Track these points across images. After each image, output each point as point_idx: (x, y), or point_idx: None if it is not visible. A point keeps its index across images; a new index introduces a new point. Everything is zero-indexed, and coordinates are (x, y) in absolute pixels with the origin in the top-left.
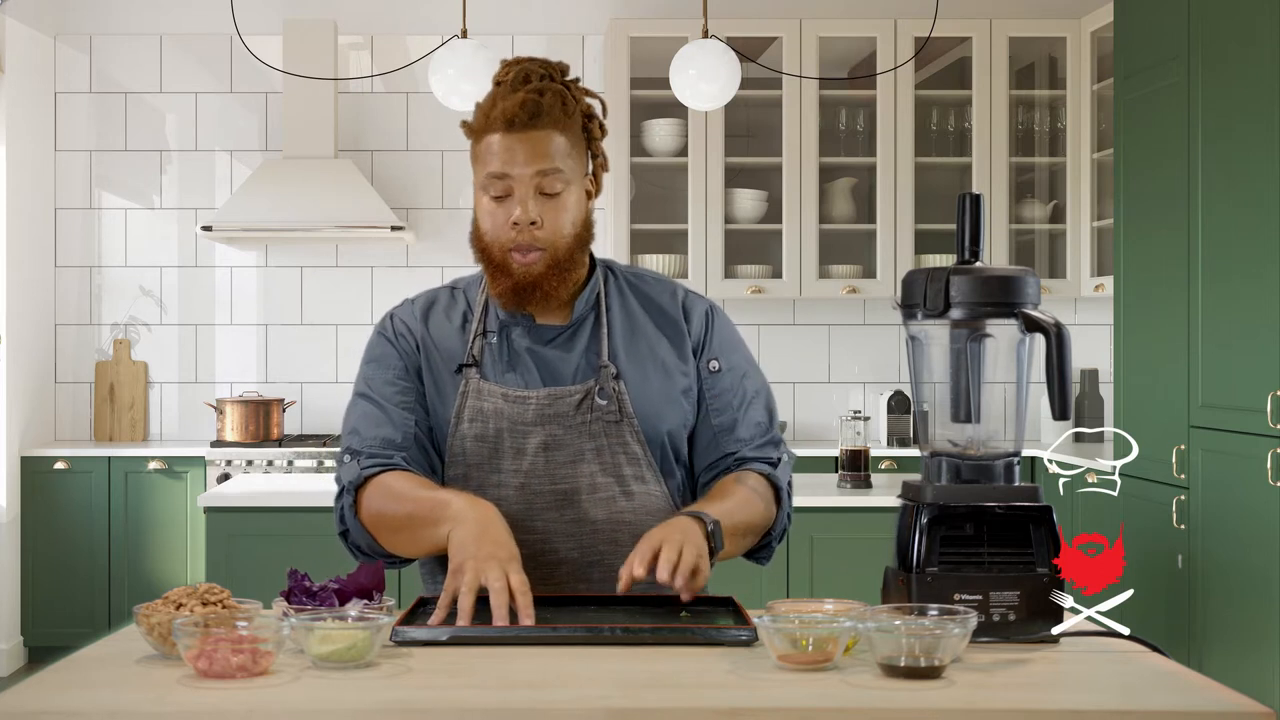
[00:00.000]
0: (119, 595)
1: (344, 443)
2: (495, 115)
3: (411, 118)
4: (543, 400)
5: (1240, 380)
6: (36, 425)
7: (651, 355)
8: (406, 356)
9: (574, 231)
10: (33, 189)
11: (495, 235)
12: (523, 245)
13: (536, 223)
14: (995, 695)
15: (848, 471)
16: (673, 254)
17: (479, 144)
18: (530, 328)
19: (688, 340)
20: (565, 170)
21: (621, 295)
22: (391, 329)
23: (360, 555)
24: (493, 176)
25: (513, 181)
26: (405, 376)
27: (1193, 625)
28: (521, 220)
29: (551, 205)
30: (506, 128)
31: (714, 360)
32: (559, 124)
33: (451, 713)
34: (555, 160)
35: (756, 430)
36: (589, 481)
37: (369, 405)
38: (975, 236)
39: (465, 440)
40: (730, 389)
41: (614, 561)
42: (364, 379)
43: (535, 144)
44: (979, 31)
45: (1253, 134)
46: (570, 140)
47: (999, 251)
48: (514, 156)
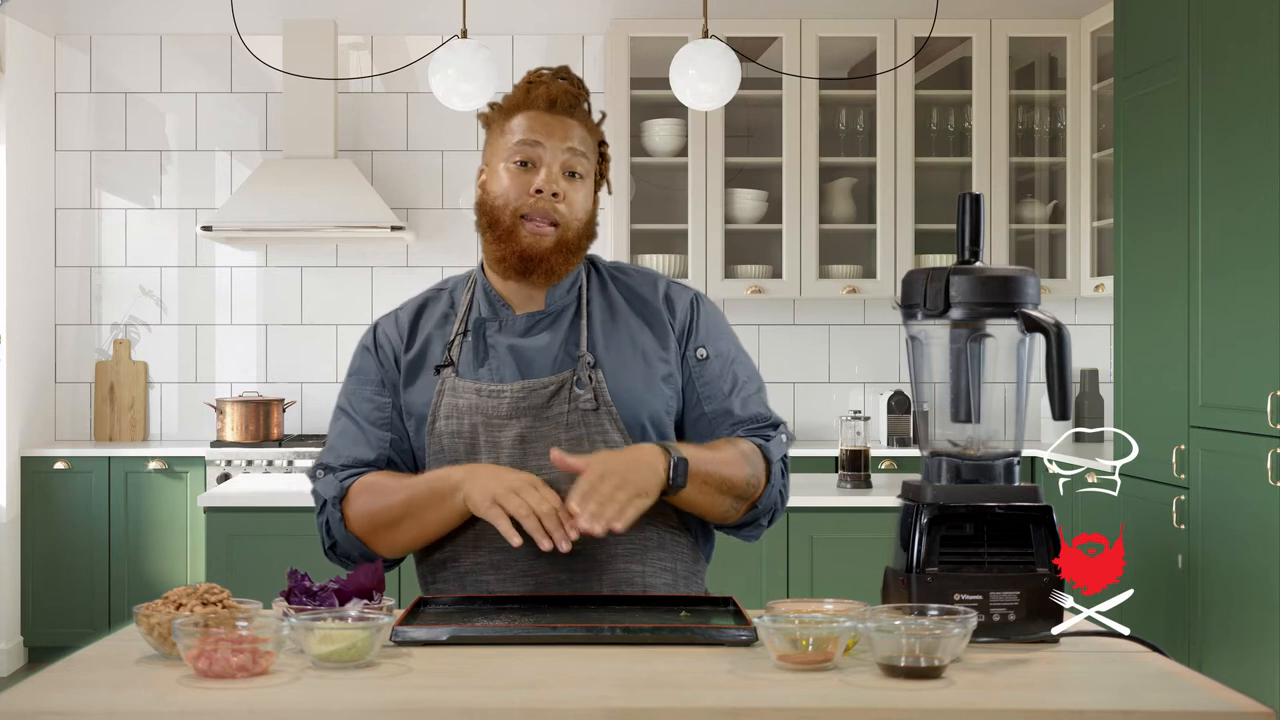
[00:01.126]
0: (119, 595)
1: (320, 458)
2: (537, 95)
3: (411, 118)
4: (517, 393)
5: (1240, 380)
6: (36, 425)
7: (631, 343)
8: (385, 369)
9: (586, 219)
10: (33, 189)
11: (510, 199)
12: (540, 213)
13: (559, 195)
14: (995, 695)
15: (848, 471)
16: (673, 254)
17: (508, 121)
18: (509, 319)
19: (670, 328)
20: (589, 161)
21: (603, 287)
22: (373, 340)
23: (351, 565)
24: (524, 143)
25: (544, 151)
26: (382, 392)
27: (1193, 625)
28: (545, 187)
29: (573, 186)
30: (548, 107)
31: (701, 348)
32: (587, 124)
33: (451, 713)
34: (583, 147)
35: (751, 416)
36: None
37: (348, 422)
38: (975, 236)
39: (442, 437)
40: (720, 375)
41: (595, 550)
42: (344, 393)
43: (569, 128)
44: (979, 31)
45: (1253, 134)
46: (593, 144)
47: (999, 251)
48: (550, 130)
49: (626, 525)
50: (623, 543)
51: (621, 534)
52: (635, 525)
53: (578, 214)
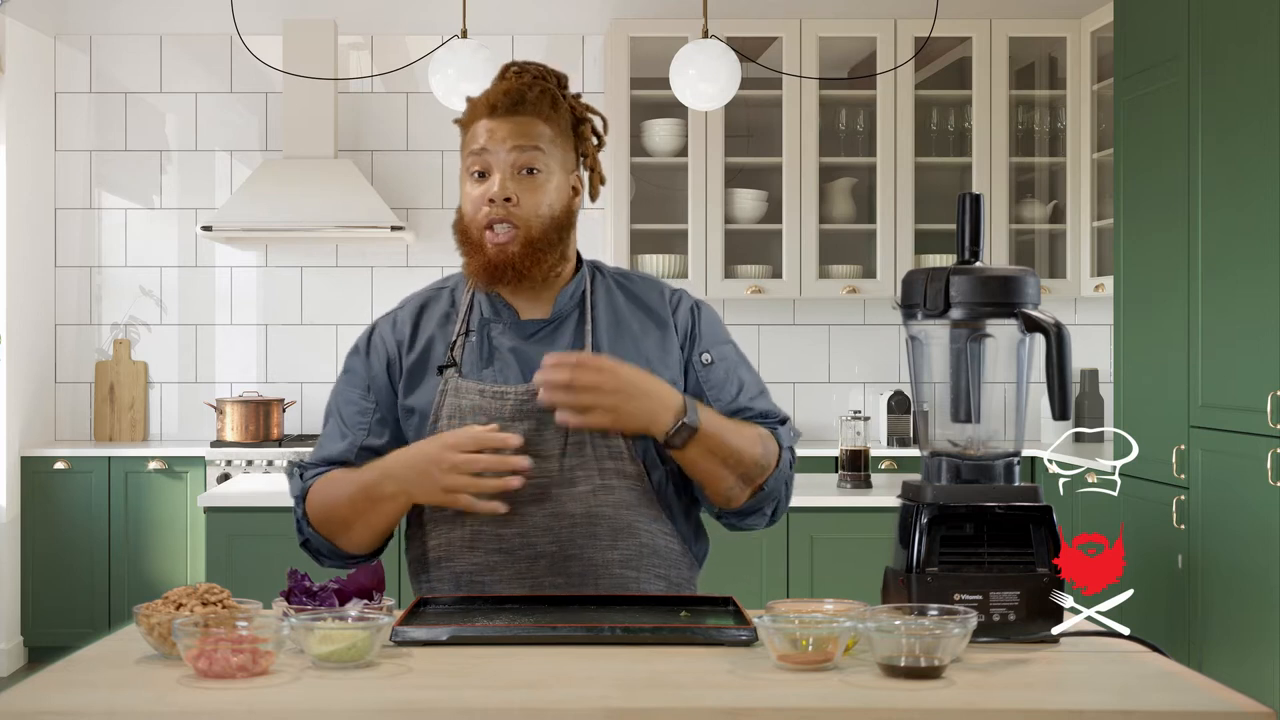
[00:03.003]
0: (119, 595)
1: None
2: (480, 101)
3: (411, 118)
4: (521, 396)
5: (1240, 380)
6: (36, 425)
7: (636, 349)
8: (373, 372)
9: (550, 214)
10: (33, 189)
11: (473, 213)
12: (496, 220)
13: (511, 199)
14: (995, 695)
15: (848, 471)
16: (673, 254)
17: (466, 133)
18: (513, 323)
19: (674, 335)
20: (546, 153)
21: (608, 293)
22: (366, 343)
23: (324, 560)
24: (473, 153)
25: (490, 158)
26: (367, 396)
27: (1193, 625)
28: (496, 196)
29: (529, 184)
30: (489, 112)
31: (705, 353)
32: (543, 115)
33: (451, 713)
34: (535, 142)
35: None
36: (568, 476)
37: (335, 422)
38: (975, 236)
39: None
40: (725, 379)
41: (593, 555)
42: (335, 392)
43: (517, 126)
44: (979, 31)
45: (1253, 134)
46: (555, 132)
47: (999, 251)
48: (494, 135)
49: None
50: (619, 549)
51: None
52: (631, 532)
53: (538, 210)
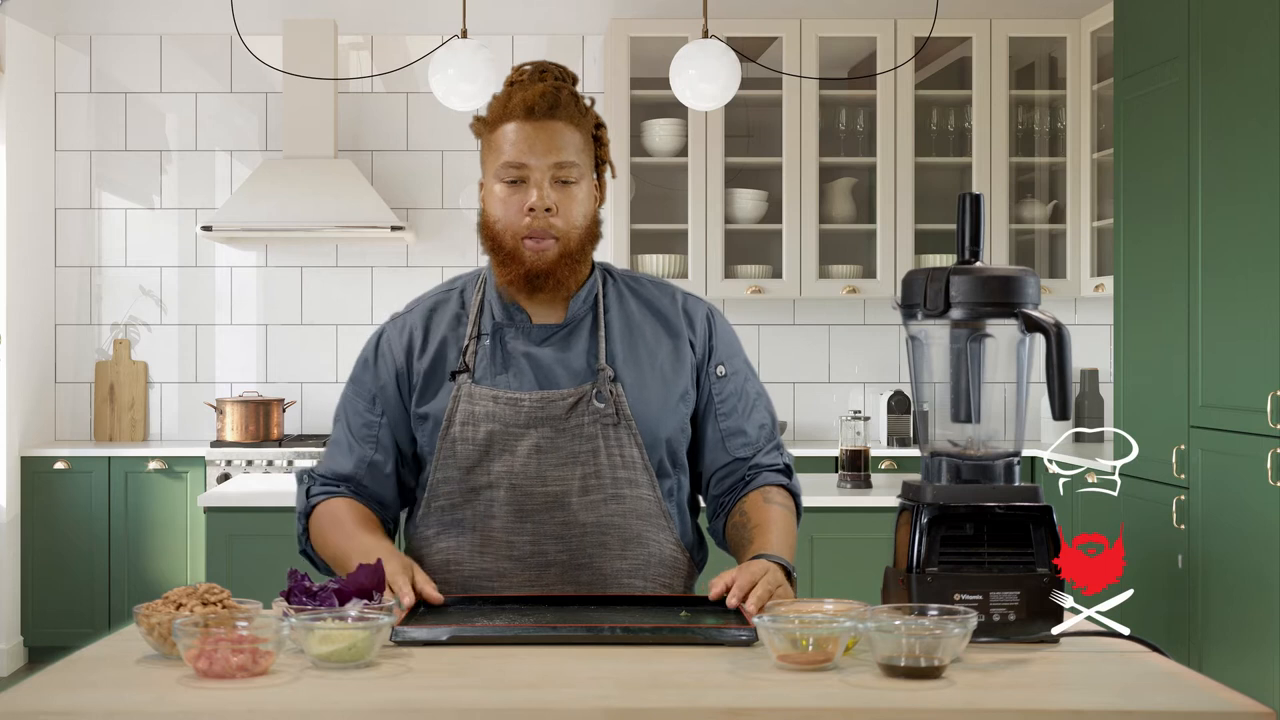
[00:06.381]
0: (119, 595)
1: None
2: (514, 104)
3: (411, 118)
4: (535, 403)
5: (1240, 380)
6: (36, 425)
7: (650, 359)
8: (381, 383)
9: (585, 224)
10: (33, 189)
11: (508, 222)
12: (538, 232)
13: (552, 209)
14: (995, 695)
15: (848, 471)
16: (673, 254)
17: (493, 134)
18: (526, 328)
19: (688, 344)
20: (578, 163)
21: (620, 298)
22: (374, 351)
23: (323, 572)
24: (509, 165)
25: (529, 169)
26: (373, 409)
27: (1193, 625)
28: (538, 206)
29: (566, 194)
30: (526, 115)
31: (720, 365)
32: (574, 119)
33: (451, 713)
34: (570, 153)
35: (762, 433)
36: (580, 484)
37: (341, 430)
38: (975, 236)
39: (456, 443)
40: (736, 393)
41: (602, 564)
42: (345, 397)
43: (553, 134)
44: (979, 31)
45: (1253, 134)
46: (583, 138)
47: (999, 251)
48: (532, 145)
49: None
50: (628, 559)
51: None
52: (640, 542)
53: (575, 221)
